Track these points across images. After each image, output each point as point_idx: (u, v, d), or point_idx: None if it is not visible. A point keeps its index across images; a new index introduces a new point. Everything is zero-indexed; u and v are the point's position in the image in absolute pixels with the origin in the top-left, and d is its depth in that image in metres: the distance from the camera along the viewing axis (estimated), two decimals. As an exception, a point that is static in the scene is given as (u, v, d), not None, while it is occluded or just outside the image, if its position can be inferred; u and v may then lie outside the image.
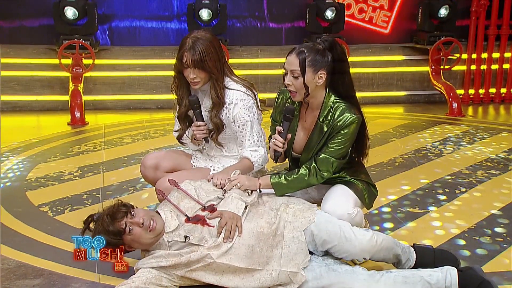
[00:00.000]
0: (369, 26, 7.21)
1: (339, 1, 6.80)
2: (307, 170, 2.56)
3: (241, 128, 2.75)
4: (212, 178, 2.66)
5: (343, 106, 2.53)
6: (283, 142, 2.57)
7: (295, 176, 2.58)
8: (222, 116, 2.75)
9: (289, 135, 2.60)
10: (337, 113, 2.52)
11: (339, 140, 2.53)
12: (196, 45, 2.62)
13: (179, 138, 2.91)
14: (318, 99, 2.56)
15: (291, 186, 2.60)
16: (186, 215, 2.44)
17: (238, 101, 2.72)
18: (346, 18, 6.84)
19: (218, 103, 2.71)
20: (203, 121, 2.76)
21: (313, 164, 2.55)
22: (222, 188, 2.59)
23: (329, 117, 2.54)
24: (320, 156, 2.55)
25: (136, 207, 2.45)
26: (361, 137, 2.64)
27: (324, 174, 2.56)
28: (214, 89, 2.70)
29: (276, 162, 2.70)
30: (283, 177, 2.60)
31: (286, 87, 2.56)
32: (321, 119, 2.56)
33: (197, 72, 2.64)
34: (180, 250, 2.36)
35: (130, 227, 2.34)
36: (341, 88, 2.56)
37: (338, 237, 2.38)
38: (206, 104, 2.79)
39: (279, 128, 2.58)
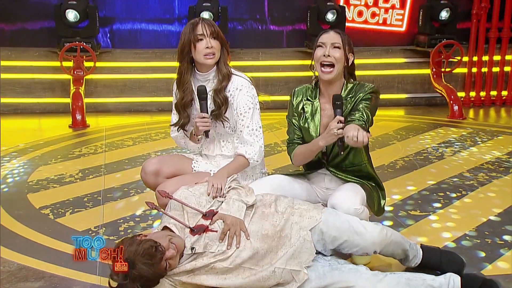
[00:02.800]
0: (382, 28, 7.19)
1: (339, 4, 6.81)
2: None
3: (242, 115, 2.74)
4: (207, 182, 2.61)
5: (362, 83, 2.67)
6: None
7: None
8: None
9: (342, 118, 2.51)
10: (358, 88, 2.63)
11: (365, 104, 2.56)
12: (207, 19, 2.73)
13: (183, 126, 2.88)
14: (339, 83, 2.65)
15: None
16: (189, 227, 2.40)
17: (243, 88, 2.73)
18: (358, 25, 6.87)
19: (227, 77, 2.73)
20: (207, 113, 2.75)
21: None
22: (215, 198, 2.55)
23: (351, 95, 2.62)
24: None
25: (147, 235, 2.34)
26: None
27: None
28: (224, 65, 2.74)
29: (342, 153, 2.58)
30: None
31: (321, 68, 2.60)
32: (343, 96, 2.62)
33: (213, 42, 2.67)
34: (186, 260, 2.34)
35: (168, 263, 2.28)
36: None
37: (348, 232, 2.38)
38: (208, 89, 2.78)
39: (340, 117, 2.48)
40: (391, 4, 7.16)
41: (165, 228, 2.44)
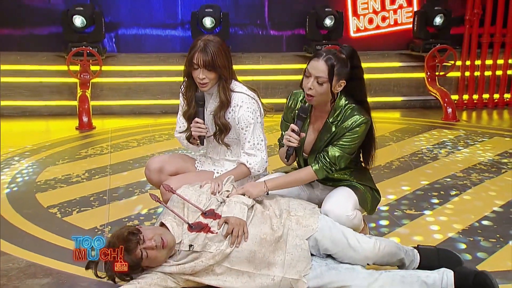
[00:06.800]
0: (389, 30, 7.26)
1: (338, 10, 6.88)
2: (315, 162, 2.61)
3: (244, 130, 2.76)
4: (206, 184, 2.66)
5: (353, 108, 2.57)
6: (298, 139, 2.56)
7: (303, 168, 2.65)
8: (229, 118, 2.77)
9: (303, 134, 2.60)
10: (347, 114, 2.55)
11: (347, 139, 2.54)
12: (208, 46, 2.65)
13: (188, 138, 2.91)
14: (329, 106, 2.61)
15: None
16: (188, 223, 2.43)
17: (243, 104, 2.75)
18: (368, 32, 6.97)
19: (226, 104, 2.74)
20: (203, 119, 2.79)
21: (321, 157, 2.59)
22: (214, 194, 2.60)
23: (338, 118, 2.57)
24: (328, 150, 2.57)
25: (141, 227, 2.41)
26: (368, 141, 2.67)
27: (331, 167, 2.58)
28: (223, 90, 2.73)
29: (287, 161, 2.69)
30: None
31: (303, 89, 2.56)
32: (330, 120, 2.59)
33: (206, 73, 2.66)
34: (184, 259, 2.39)
35: (146, 252, 2.31)
36: (354, 94, 2.62)
37: (341, 244, 2.42)
38: (210, 107, 2.82)
39: (293, 126, 2.56)
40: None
41: (162, 225, 2.47)
